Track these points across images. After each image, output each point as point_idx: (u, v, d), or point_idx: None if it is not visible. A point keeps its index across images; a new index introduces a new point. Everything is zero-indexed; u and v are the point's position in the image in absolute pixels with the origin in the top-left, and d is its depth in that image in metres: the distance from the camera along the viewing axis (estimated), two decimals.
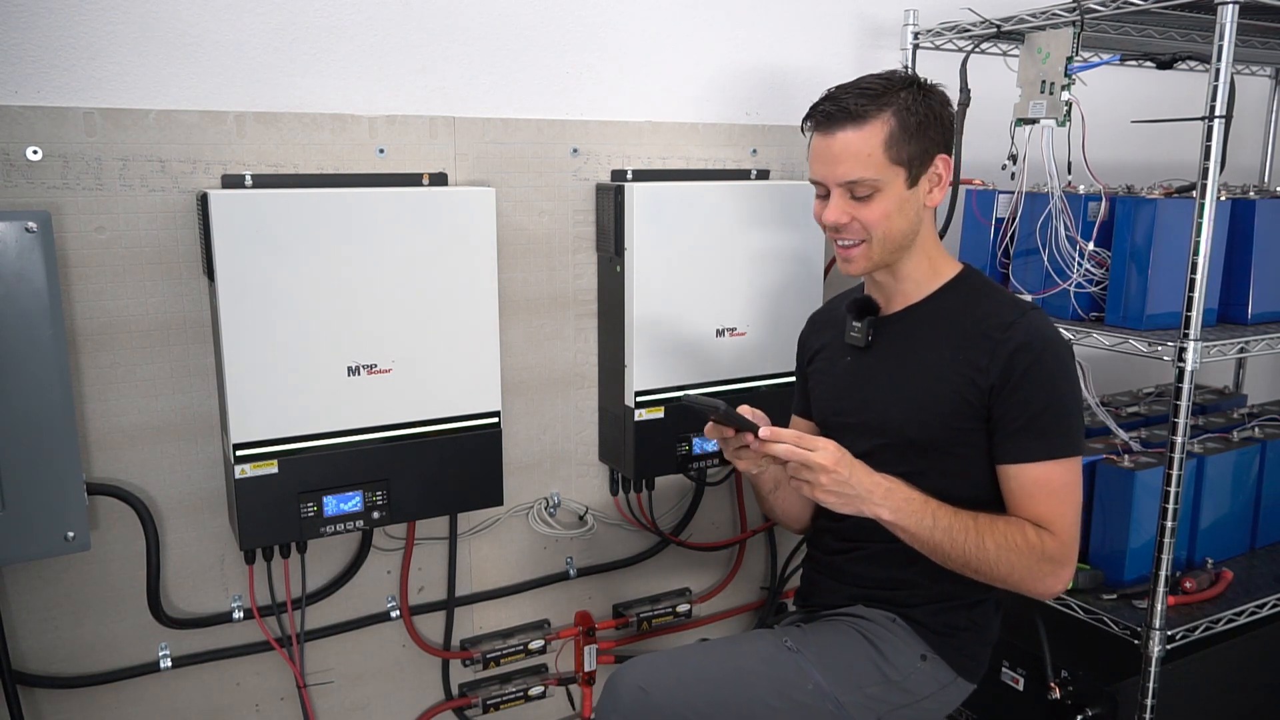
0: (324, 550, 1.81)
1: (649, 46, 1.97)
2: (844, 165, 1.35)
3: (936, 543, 1.33)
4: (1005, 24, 1.85)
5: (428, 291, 1.65)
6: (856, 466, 1.32)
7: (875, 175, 1.34)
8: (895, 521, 1.33)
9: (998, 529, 1.33)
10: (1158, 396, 2.36)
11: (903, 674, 1.41)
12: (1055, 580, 1.35)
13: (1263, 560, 1.98)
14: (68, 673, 1.64)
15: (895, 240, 1.39)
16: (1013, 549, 1.32)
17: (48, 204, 1.49)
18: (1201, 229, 1.53)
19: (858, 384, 1.50)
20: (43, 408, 1.39)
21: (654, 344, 1.90)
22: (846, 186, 1.36)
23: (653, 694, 1.36)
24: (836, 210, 1.38)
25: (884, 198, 1.36)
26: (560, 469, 2.03)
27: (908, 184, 1.37)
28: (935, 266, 1.46)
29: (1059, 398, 1.35)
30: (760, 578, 2.36)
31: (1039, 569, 1.33)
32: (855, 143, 1.34)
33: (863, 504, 1.32)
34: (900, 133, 1.34)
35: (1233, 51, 1.47)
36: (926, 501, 1.34)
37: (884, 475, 1.34)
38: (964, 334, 1.39)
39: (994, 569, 1.33)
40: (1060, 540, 1.34)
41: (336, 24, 1.67)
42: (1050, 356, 1.35)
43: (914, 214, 1.39)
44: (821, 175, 1.39)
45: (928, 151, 1.37)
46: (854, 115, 1.33)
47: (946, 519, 1.33)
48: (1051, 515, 1.35)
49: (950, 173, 1.41)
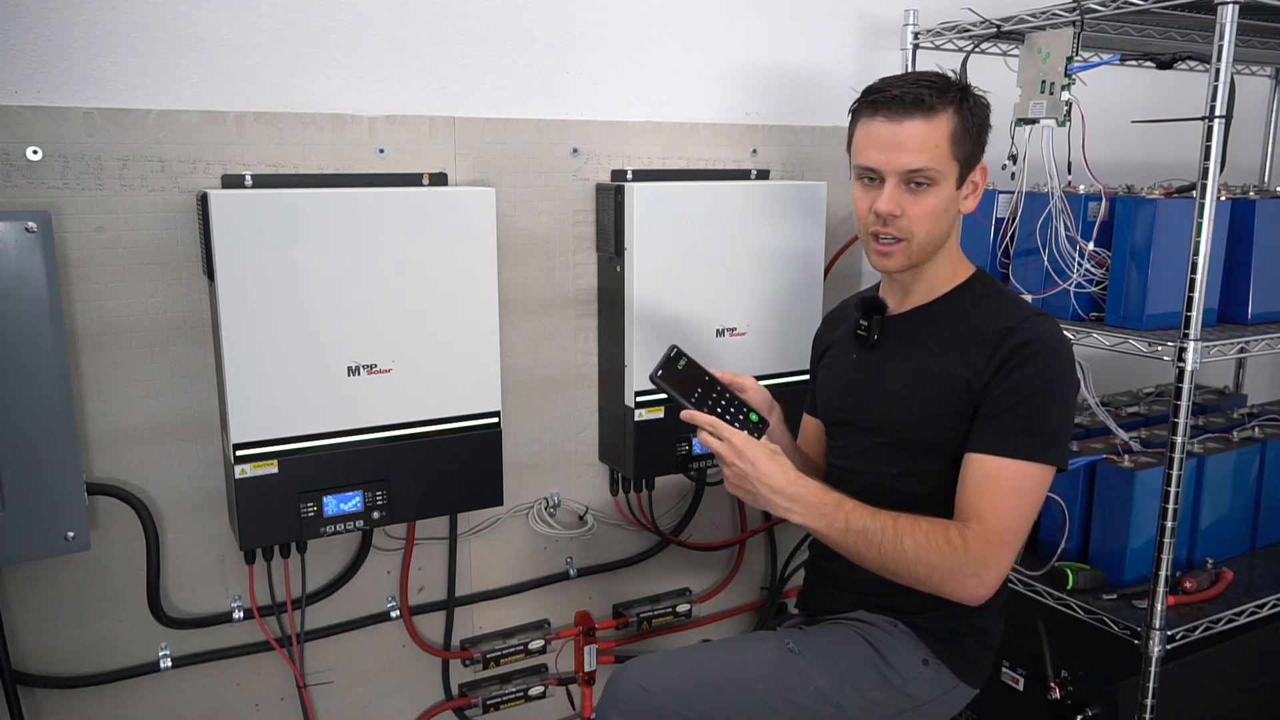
0: (324, 550, 1.81)
1: (649, 46, 1.97)
2: (911, 153, 1.33)
3: (851, 545, 1.29)
4: (1005, 24, 1.85)
5: (428, 291, 1.65)
6: (766, 462, 1.28)
7: (939, 166, 1.33)
8: (805, 524, 1.30)
9: (919, 529, 1.28)
10: (1158, 396, 2.36)
11: (904, 678, 1.41)
12: (978, 584, 1.27)
13: (1263, 560, 1.98)
14: (68, 673, 1.64)
15: (934, 241, 1.39)
16: (932, 548, 1.27)
17: (48, 204, 1.49)
18: (1201, 229, 1.53)
19: (861, 381, 1.50)
20: (43, 408, 1.39)
21: (654, 344, 1.90)
22: (907, 175, 1.34)
23: (654, 693, 1.36)
24: (891, 200, 1.35)
25: (937, 193, 1.35)
26: (560, 469, 2.03)
27: (957, 183, 1.37)
28: (954, 270, 1.46)
29: (1038, 400, 1.31)
30: (760, 578, 2.36)
31: (960, 571, 1.27)
32: (924, 132, 1.32)
33: (767, 504, 1.29)
34: (962, 130, 1.34)
35: (1233, 51, 1.47)
36: (841, 503, 1.30)
37: (800, 476, 1.30)
38: (968, 337, 1.39)
39: (913, 570, 1.27)
40: (985, 540, 1.27)
41: (336, 24, 1.67)
42: (1044, 359, 1.33)
43: (953, 217, 1.40)
44: (881, 162, 1.35)
45: (976, 155, 1.38)
46: (926, 105, 1.32)
47: (861, 521, 1.29)
48: (987, 511, 1.28)
49: (985, 183, 1.42)
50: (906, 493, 1.42)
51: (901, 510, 1.32)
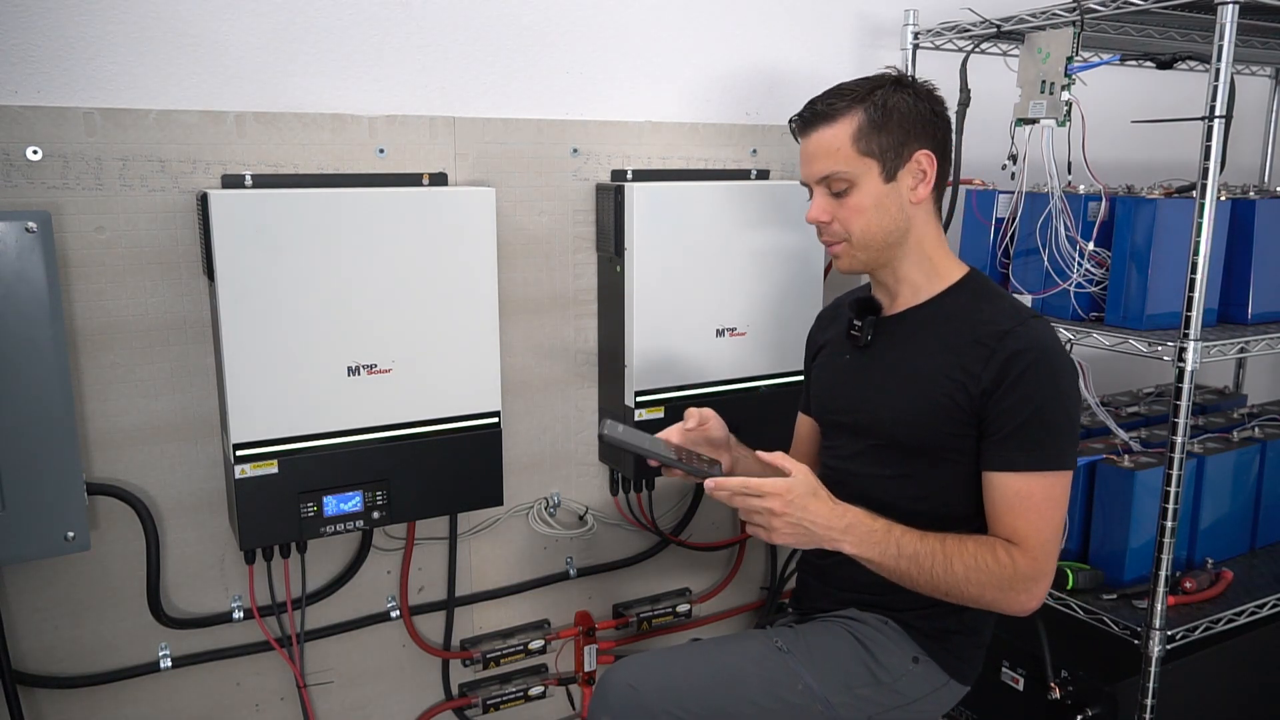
0: (324, 550, 1.81)
1: (649, 46, 1.97)
2: (817, 162, 1.39)
3: (903, 571, 1.30)
4: (1005, 24, 1.85)
5: (428, 291, 1.65)
6: (812, 500, 1.28)
7: (845, 168, 1.36)
8: (858, 554, 1.30)
9: (966, 550, 1.30)
10: (1158, 396, 2.36)
11: (894, 675, 1.41)
12: (1029, 598, 1.31)
13: (1263, 560, 1.98)
14: (68, 673, 1.64)
15: (877, 238, 1.39)
16: (982, 570, 1.29)
17: (48, 204, 1.49)
18: (1201, 229, 1.53)
19: (854, 383, 1.50)
20: (43, 408, 1.39)
21: (654, 344, 1.90)
22: (823, 183, 1.39)
23: (642, 692, 1.36)
24: (818, 208, 1.41)
25: (860, 193, 1.37)
26: (560, 469, 2.03)
27: (883, 178, 1.37)
28: (937, 269, 1.44)
29: (1049, 408, 1.32)
30: (760, 578, 2.36)
31: (1011, 588, 1.29)
32: (826, 139, 1.37)
33: (822, 540, 1.29)
34: (869, 125, 1.35)
35: (1233, 51, 1.47)
36: (890, 529, 1.30)
37: (845, 506, 1.30)
38: (961, 339, 1.38)
39: (964, 591, 1.30)
40: (1033, 557, 1.30)
41: (337, 24, 1.67)
42: (1044, 366, 1.32)
43: (896, 211, 1.38)
44: (803, 176, 1.43)
45: (903, 144, 1.36)
46: (824, 115, 1.38)
47: (912, 545, 1.30)
48: (1027, 530, 1.31)
49: (935, 169, 1.39)
50: (902, 495, 1.41)
51: (898, 515, 1.33)
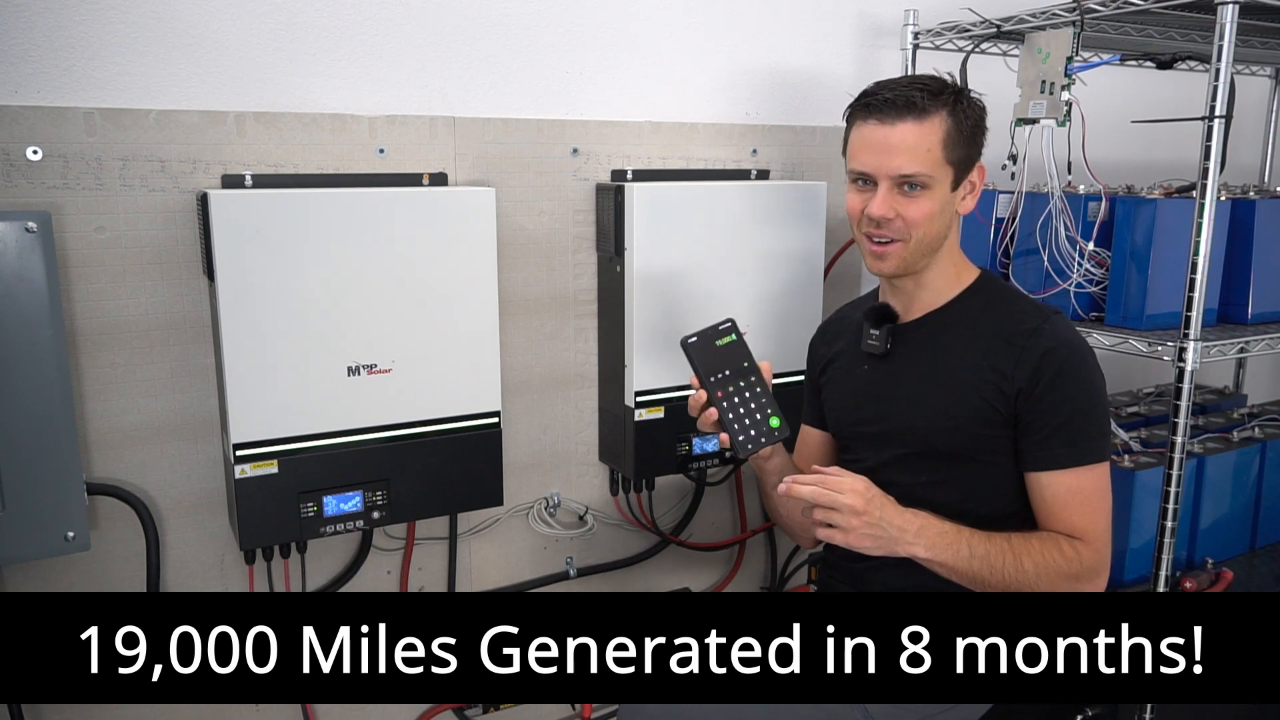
0: (324, 550, 1.81)
1: (649, 46, 1.97)
2: (902, 157, 1.33)
3: (975, 572, 1.30)
4: (1005, 24, 1.85)
5: (428, 291, 1.65)
6: (887, 505, 1.28)
7: (931, 171, 1.33)
8: (932, 558, 1.29)
9: (1033, 548, 1.31)
10: (1158, 396, 2.35)
11: None
12: (1094, 587, 1.34)
13: (1263, 560, 1.98)
14: None
15: (930, 243, 1.38)
16: (1051, 566, 1.31)
17: (48, 204, 1.49)
18: (1201, 229, 1.53)
19: (877, 393, 1.48)
20: (43, 408, 1.39)
21: (654, 344, 1.90)
22: (899, 180, 1.34)
23: None
24: (884, 204, 1.35)
25: (931, 197, 1.35)
26: (560, 469, 2.03)
27: (952, 186, 1.37)
28: (958, 272, 1.45)
29: (1087, 402, 1.34)
30: (760, 578, 2.36)
31: (1079, 580, 1.32)
32: (915, 136, 1.32)
33: (897, 545, 1.28)
34: (956, 133, 1.34)
35: (1233, 51, 1.47)
36: (959, 531, 1.30)
37: (913, 511, 1.30)
38: (988, 340, 1.38)
39: (1034, 587, 1.31)
40: (1095, 549, 1.33)
41: (336, 24, 1.67)
42: (1077, 361, 1.34)
43: (950, 218, 1.39)
44: (873, 166, 1.35)
45: (972, 157, 1.38)
46: (918, 108, 1.32)
47: (982, 546, 1.30)
48: (1085, 524, 1.33)
49: (983, 182, 1.42)
50: (936, 501, 1.38)
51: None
